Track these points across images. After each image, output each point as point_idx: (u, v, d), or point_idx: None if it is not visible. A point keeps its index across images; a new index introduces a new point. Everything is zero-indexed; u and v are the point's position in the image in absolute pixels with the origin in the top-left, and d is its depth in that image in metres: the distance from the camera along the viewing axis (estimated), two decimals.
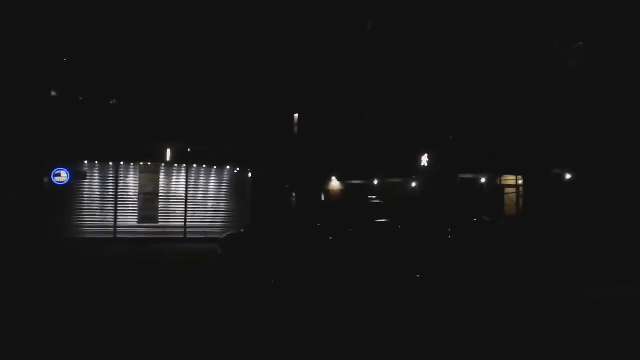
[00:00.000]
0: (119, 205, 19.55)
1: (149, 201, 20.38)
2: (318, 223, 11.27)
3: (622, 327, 7.94)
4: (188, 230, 20.18)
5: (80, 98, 19.74)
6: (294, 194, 27.38)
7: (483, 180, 20.88)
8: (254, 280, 10.47)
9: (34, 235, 17.17)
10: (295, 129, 28.02)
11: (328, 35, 24.04)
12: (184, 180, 20.47)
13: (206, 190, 20.98)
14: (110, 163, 19.50)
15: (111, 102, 20.25)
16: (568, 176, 18.07)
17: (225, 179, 21.19)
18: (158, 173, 20.50)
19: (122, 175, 19.79)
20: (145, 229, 19.84)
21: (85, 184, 19.41)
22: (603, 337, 7.31)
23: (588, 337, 7.27)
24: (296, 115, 27.79)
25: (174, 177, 20.59)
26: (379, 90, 23.42)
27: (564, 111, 17.35)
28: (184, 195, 20.41)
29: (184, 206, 20.35)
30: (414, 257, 10.63)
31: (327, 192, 27.00)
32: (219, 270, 11.14)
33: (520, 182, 20.33)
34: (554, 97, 17.74)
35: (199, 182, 20.88)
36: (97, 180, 19.63)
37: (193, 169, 20.65)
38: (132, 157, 19.61)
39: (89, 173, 19.33)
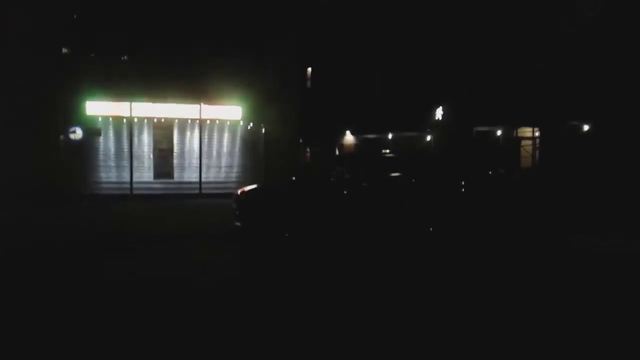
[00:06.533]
0: (134, 162, 19.65)
1: (163, 157, 20.50)
2: (331, 177, 11.27)
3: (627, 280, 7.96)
4: (203, 185, 20.32)
5: (92, 55, 19.58)
6: (307, 149, 27.36)
7: (499, 132, 20.66)
8: (268, 234, 10.58)
9: (51, 193, 17.38)
10: (309, 83, 27.74)
11: None
12: (198, 136, 20.49)
13: (220, 145, 21.01)
14: (125, 120, 19.52)
15: (123, 58, 20.05)
16: (586, 127, 17.81)
17: (239, 134, 21.16)
18: (172, 129, 20.54)
19: (136, 132, 19.85)
20: (160, 185, 20.03)
21: (100, 141, 19.50)
22: (608, 289, 7.34)
23: (591, 290, 7.30)
24: (309, 69, 27.46)
25: (188, 133, 20.63)
26: (393, 42, 22.98)
27: (582, 62, 16.95)
28: (198, 150, 20.46)
29: (198, 162, 20.43)
30: (427, 210, 10.65)
31: (341, 147, 26.93)
32: (235, 225, 11.23)
33: (537, 134, 20.10)
34: (571, 48, 17.31)
35: (213, 138, 20.89)
36: (111, 138, 19.74)
37: (207, 125, 20.63)
38: (146, 113, 19.61)
39: (103, 130, 19.35)
